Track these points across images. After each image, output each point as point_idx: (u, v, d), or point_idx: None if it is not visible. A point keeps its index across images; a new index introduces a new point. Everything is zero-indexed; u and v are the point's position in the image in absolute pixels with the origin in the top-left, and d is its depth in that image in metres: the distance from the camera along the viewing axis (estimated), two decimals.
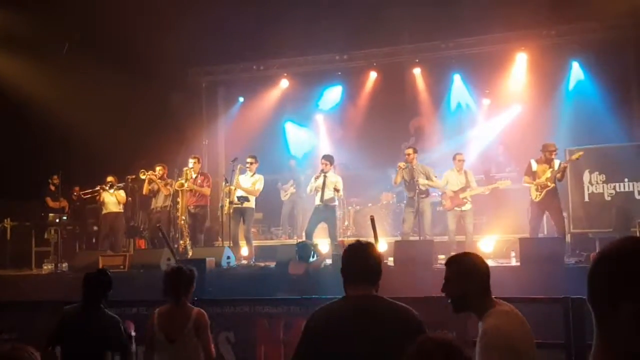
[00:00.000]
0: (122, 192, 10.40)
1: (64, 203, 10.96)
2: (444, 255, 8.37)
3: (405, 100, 12.96)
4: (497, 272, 2.68)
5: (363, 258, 2.67)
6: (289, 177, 12.02)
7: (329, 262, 8.00)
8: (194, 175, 9.72)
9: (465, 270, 2.60)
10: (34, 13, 10.13)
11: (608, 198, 9.24)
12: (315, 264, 7.85)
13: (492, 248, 8.27)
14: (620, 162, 9.23)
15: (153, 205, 10.13)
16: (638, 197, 9.10)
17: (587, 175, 9.35)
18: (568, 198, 9.34)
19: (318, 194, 9.04)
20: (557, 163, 8.42)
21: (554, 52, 11.51)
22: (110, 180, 10.31)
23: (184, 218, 9.57)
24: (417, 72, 12.75)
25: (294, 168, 12.21)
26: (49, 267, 9.56)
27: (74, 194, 11.31)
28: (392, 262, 7.84)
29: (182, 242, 9.52)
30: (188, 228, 9.57)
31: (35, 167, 11.01)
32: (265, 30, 11.41)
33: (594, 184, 9.33)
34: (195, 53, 12.22)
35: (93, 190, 10.65)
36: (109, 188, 10.30)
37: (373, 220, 7.27)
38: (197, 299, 4.65)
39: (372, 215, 7.54)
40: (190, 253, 9.13)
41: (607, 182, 9.26)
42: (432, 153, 11.89)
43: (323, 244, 8.75)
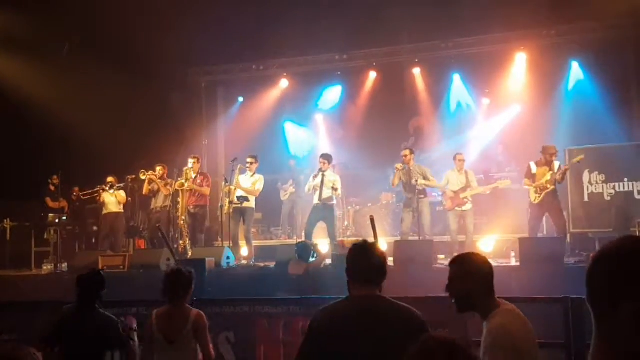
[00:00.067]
0: (122, 192, 10.40)
1: (64, 203, 10.96)
2: (444, 255, 8.39)
3: (405, 100, 12.95)
4: (497, 272, 2.68)
5: (369, 258, 2.67)
6: (289, 177, 12.01)
7: (329, 262, 8.01)
8: (194, 175, 9.72)
9: (469, 270, 2.61)
10: (34, 14, 10.12)
11: (608, 198, 9.24)
12: (315, 264, 7.85)
13: (492, 248, 8.27)
14: (620, 162, 9.23)
15: (153, 206, 10.13)
16: (638, 197, 9.10)
17: (586, 175, 9.35)
18: (568, 198, 9.34)
19: (316, 193, 9.05)
20: (557, 165, 8.41)
21: (554, 52, 11.51)
22: (111, 181, 10.31)
23: (184, 218, 9.57)
24: (416, 72, 12.74)
25: (294, 168, 12.20)
26: (49, 267, 9.57)
27: (74, 194, 11.30)
28: (391, 262, 7.84)
29: (181, 242, 9.52)
30: (188, 228, 9.57)
31: (35, 167, 11.00)
32: (265, 30, 11.40)
33: (594, 184, 9.33)
34: (195, 53, 12.21)
35: (93, 191, 10.65)
36: (109, 188, 10.30)
37: (373, 220, 7.28)
38: (196, 299, 4.65)
39: (372, 215, 7.55)
40: (190, 253, 9.13)
41: (606, 182, 9.26)
42: (431, 153, 11.90)
43: (323, 244, 8.75)
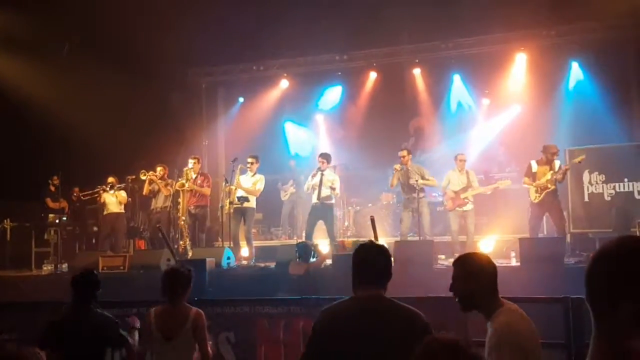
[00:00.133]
0: (123, 192, 10.39)
1: (64, 204, 10.95)
2: (444, 255, 8.39)
3: (405, 101, 12.94)
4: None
5: (374, 259, 2.67)
6: (289, 177, 12.01)
7: (329, 262, 8.00)
8: (194, 176, 9.72)
9: (473, 270, 2.62)
10: (34, 13, 10.13)
11: (608, 198, 9.24)
12: (316, 265, 7.85)
13: (492, 248, 8.26)
14: (620, 162, 9.23)
15: (153, 206, 10.13)
16: (638, 197, 9.09)
17: (586, 175, 9.35)
18: (568, 198, 9.34)
19: (315, 192, 9.03)
20: (557, 164, 8.41)
21: (554, 52, 11.50)
22: (111, 181, 10.30)
23: (184, 218, 9.57)
24: (416, 72, 12.73)
25: (294, 168, 12.20)
26: (49, 267, 9.57)
27: (74, 195, 11.29)
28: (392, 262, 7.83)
29: (182, 242, 9.51)
30: (188, 228, 9.57)
31: (35, 167, 11.00)
32: (265, 31, 11.40)
33: (594, 184, 9.33)
34: (195, 53, 12.20)
35: (93, 192, 10.65)
36: (110, 189, 10.30)
37: (373, 221, 7.28)
38: (197, 299, 4.65)
39: (372, 216, 7.56)
40: (190, 253, 9.12)
41: (606, 182, 9.26)
42: (432, 153, 11.90)
43: (323, 244, 8.75)
